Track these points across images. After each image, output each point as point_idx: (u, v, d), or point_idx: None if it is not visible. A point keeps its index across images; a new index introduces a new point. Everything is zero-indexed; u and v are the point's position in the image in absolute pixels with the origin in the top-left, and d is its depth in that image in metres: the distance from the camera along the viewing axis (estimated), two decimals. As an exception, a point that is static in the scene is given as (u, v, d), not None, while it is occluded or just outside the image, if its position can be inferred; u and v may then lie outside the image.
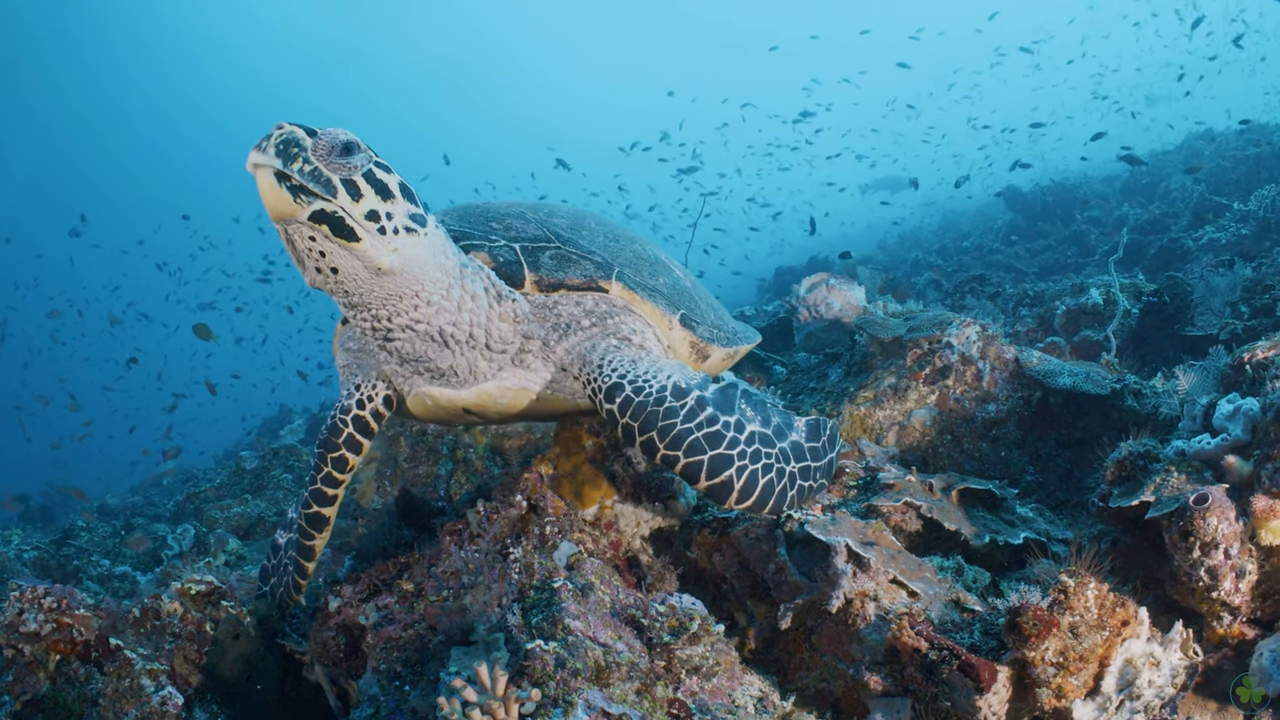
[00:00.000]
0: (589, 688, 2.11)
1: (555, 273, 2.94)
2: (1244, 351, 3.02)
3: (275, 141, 2.21)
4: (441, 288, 2.62)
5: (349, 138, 2.31)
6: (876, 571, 2.60)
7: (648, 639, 2.40)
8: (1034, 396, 4.28)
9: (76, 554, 8.33)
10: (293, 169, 2.21)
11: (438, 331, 2.71)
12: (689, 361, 3.30)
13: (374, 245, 2.36)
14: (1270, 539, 2.38)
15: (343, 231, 2.31)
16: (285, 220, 2.28)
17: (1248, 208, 9.30)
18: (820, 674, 2.68)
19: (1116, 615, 2.31)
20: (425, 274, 2.55)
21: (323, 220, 2.28)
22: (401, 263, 2.44)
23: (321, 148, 2.26)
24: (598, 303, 3.01)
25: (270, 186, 2.21)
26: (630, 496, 3.02)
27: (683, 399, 2.67)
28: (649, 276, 3.23)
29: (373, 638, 3.10)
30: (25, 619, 3.37)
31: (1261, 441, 2.52)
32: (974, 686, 2.27)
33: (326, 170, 2.26)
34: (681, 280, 3.54)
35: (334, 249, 2.35)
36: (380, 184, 2.37)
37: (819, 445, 2.95)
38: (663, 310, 3.12)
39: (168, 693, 3.42)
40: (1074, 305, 6.04)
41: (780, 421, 2.87)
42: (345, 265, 2.41)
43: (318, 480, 3.32)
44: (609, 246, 3.24)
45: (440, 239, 2.60)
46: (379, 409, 3.18)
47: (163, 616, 3.78)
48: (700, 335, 3.25)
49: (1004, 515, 3.44)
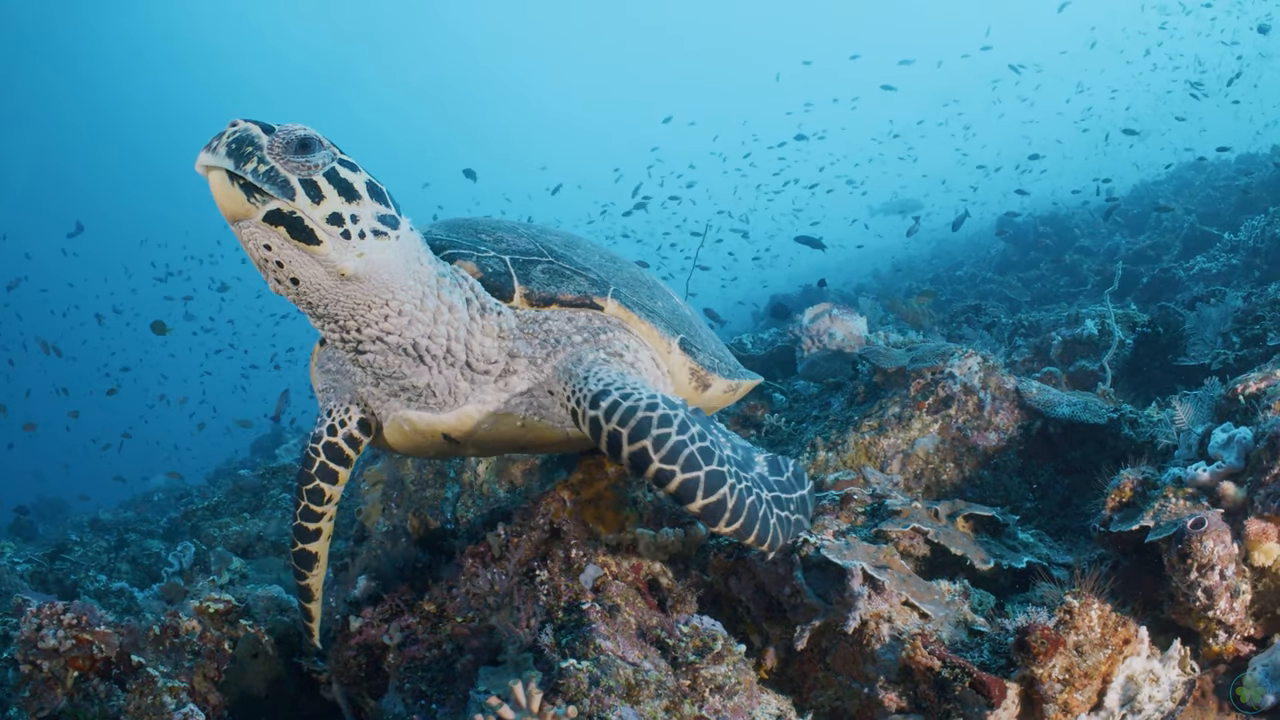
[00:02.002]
0: (621, 705, 2.21)
1: (547, 287, 2.77)
2: (1237, 383, 3.17)
3: (227, 141, 2.09)
4: (415, 297, 2.47)
5: (308, 133, 2.17)
6: (890, 594, 2.72)
7: (673, 658, 2.50)
8: (1034, 425, 4.42)
9: (71, 568, 8.38)
10: (246, 170, 2.08)
11: (411, 344, 2.55)
12: (689, 391, 3.17)
13: (336, 249, 2.21)
14: (1263, 560, 2.51)
15: (301, 234, 2.16)
16: (240, 222, 2.14)
17: (1238, 238, 9.50)
18: (835, 693, 2.78)
19: (1118, 634, 2.44)
20: (396, 281, 2.40)
21: (279, 222, 2.14)
22: (368, 268, 2.29)
23: (278, 145, 2.12)
24: (591, 319, 2.84)
25: (222, 185, 2.08)
26: (651, 521, 3.13)
27: (674, 410, 2.49)
28: (647, 299, 3.07)
29: (395, 657, 3.18)
30: (44, 635, 3.40)
31: (1254, 468, 2.66)
32: (985, 703, 2.39)
33: (284, 170, 2.12)
34: (681, 308, 3.39)
35: (293, 254, 2.20)
36: (344, 183, 2.23)
37: (784, 479, 2.91)
38: (661, 332, 2.95)
39: (189, 710, 3.45)
40: (1070, 336, 6.20)
41: (744, 455, 2.81)
42: (306, 272, 2.25)
43: (297, 515, 3.16)
44: (605, 266, 3.08)
45: (414, 244, 2.45)
46: (353, 433, 3.00)
47: (181, 634, 3.83)
48: (701, 362, 3.08)
49: (1006, 540, 3.56)
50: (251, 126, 2.11)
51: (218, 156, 2.07)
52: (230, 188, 2.08)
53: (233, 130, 2.11)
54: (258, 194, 2.09)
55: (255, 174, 2.08)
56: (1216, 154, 14.71)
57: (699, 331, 3.30)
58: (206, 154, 2.08)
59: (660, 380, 3.01)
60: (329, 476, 3.05)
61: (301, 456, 3.10)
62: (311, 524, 3.16)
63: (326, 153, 2.20)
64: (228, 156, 2.07)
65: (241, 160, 2.07)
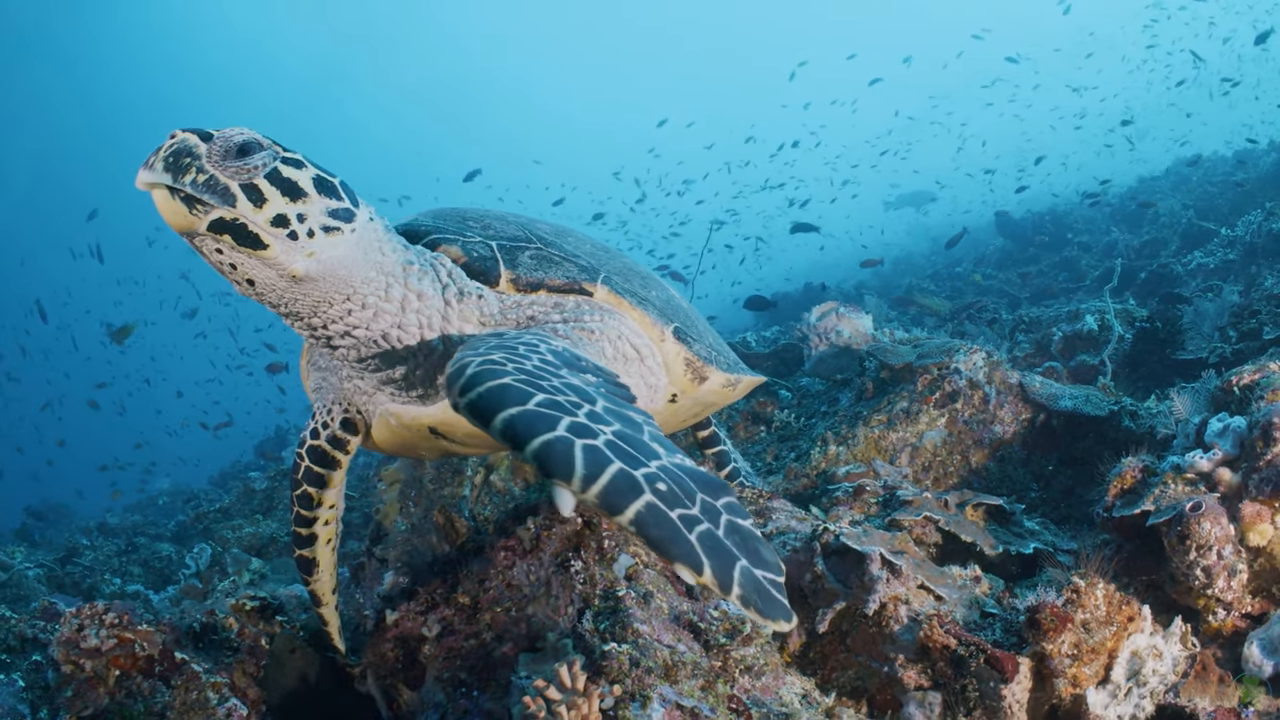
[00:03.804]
0: (661, 684, 2.36)
1: (534, 272, 2.68)
2: (1232, 375, 3.34)
3: (164, 155, 2.03)
4: (378, 288, 2.39)
5: (246, 137, 2.10)
6: (907, 578, 2.88)
7: (704, 641, 2.66)
8: (1037, 418, 4.58)
9: (85, 573, 8.50)
10: (184, 182, 2.01)
11: (380, 336, 2.47)
12: (685, 383, 3.01)
13: (285, 251, 2.15)
14: (1258, 540, 2.69)
15: (247, 239, 2.10)
16: (187, 234, 2.11)
17: (1235, 233, 9.64)
18: (855, 673, 2.94)
19: (1123, 612, 2.60)
20: (355, 275, 2.32)
21: (224, 230, 2.07)
22: (320, 267, 2.22)
23: (216, 152, 2.05)
24: (580, 305, 2.72)
25: (164, 200, 2.03)
26: (678, 513, 3.27)
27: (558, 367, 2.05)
28: (640, 287, 2.95)
29: (432, 648, 3.30)
30: (86, 635, 3.43)
31: (1249, 455, 2.82)
32: (1000, 677, 2.55)
33: (224, 177, 2.05)
34: (676, 300, 3.26)
35: (243, 259, 2.15)
36: (288, 183, 2.15)
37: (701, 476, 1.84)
38: (654, 319, 2.82)
39: (232, 704, 3.53)
40: (1070, 331, 6.37)
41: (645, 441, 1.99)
42: (259, 275, 2.20)
43: (292, 521, 3.12)
44: (596, 254, 2.98)
45: (374, 234, 2.37)
46: (337, 434, 2.92)
47: (220, 631, 3.96)
48: (697, 353, 2.93)
49: (1013, 528, 3.73)
50: (189, 136, 2.06)
51: (155, 173, 2.02)
52: (172, 202, 2.03)
53: (170, 143, 2.06)
54: (199, 205, 2.04)
55: (194, 185, 2.02)
56: (1214, 150, 14.87)
57: (695, 324, 3.17)
58: (145, 171, 2.04)
59: (645, 369, 2.88)
60: (315, 481, 3.01)
61: (292, 464, 3.04)
62: (305, 529, 3.13)
63: (267, 153, 2.13)
64: (165, 171, 2.02)
65: (180, 173, 2.01)
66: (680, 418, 3.29)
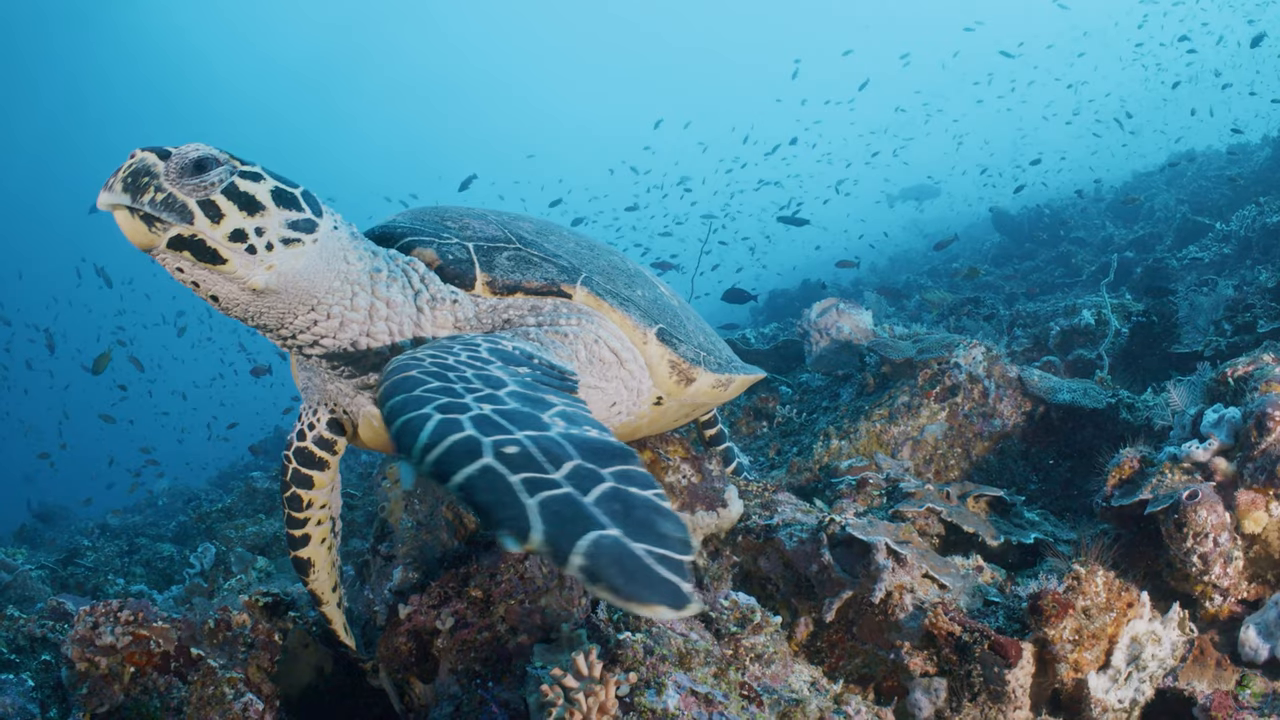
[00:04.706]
0: (675, 671, 2.43)
1: (511, 274, 2.64)
2: (1227, 367, 3.42)
3: (123, 176, 2.06)
4: (343, 298, 2.39)
5: (201, 153, 2.11)
6: (912, 566, 2.96)
7: (716, 630, 2.73)
8: (1036, 411, 4.66)
9: (89, 574, 8.53)
10: (143, 201, 2.04)
11: (350, 344, 2.46)
12: (670, 385, 2.95)
13: (244, 266, 2.16)
14: (1253, 528, 2.76)
15: (206, 255, 2.12)
16: (149, 250, 2.12)
17: (1229, 228, 9.73)
18: (862, 661, 3.02)
19: (1122, 598, 2.68)
20: (318, 285, 2.33)
21: (183, 246, 2.10)
22: (281, 280, 2.23)
23: (173, 170, 2.07)
24: (558, 307, 2.68)
25: (125, 220, 2.06)
26: (686, 506, 3.35)
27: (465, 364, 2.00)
28: (624, 287, 2.90)
29: (445, 641, 3.37)
30: (101, 632, 3.48)
31: (1243, 444, 2.90)
32: (1004, 663, 2.62)
33: (181, 194, 2.07)
34: (665, 298, 3.20)
35: (204, 274, 2.17)
36: (245, 197, 2.15)
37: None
38: (635, 321, 2.77)
39: (248, 699, 3.56)
40: (1068, 326, 6.44)
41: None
42: (222, 290, 2.23)
43: (284, 524, 3.14)
44: (579, 253, 2.93)
45: (338, 243, 2.37)
46: (323, 435, 2.93)
47: (234, 627, 3.99)
48: (682, 355, 2.89)
49: (1014, 519, 3.80)
50: (147, 155, 2.08)
51: (114, 194, 2.05)
52: (133, 221, 2.06)
53: (129, 163, 2.08)
54: (158, 223, 2.06)
55: (153, 204, 2.05)
56: (1207, 146, 14.95)
57: (683, 324, 3.11)
58: (105, 193, 2.07)
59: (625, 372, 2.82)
60: (303, 482, 3.03)
61: (280, 466, 3.07)
62: (297, 530, 3.15)
63: (224, 169, 2.14)
64: (124, 192, 2.05)
65: (138, 192, 2.04)
66: (670, 418, 3.27)
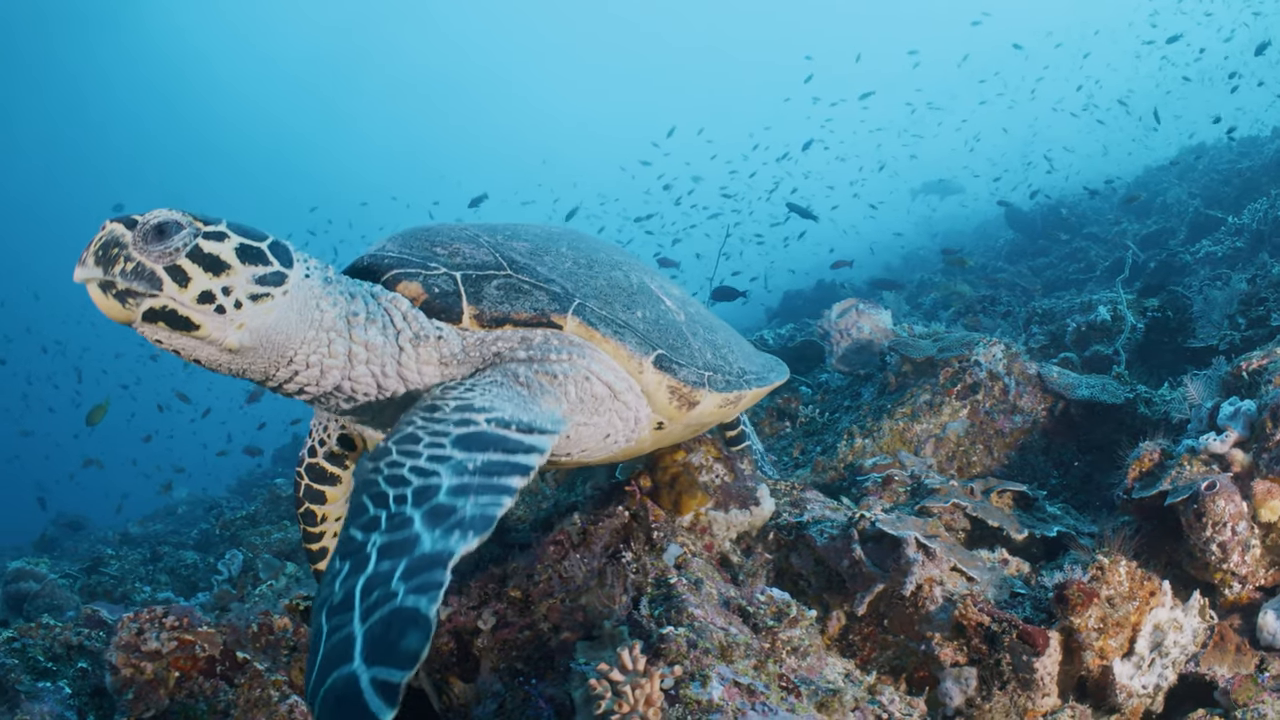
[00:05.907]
0: (718, 663, 2.55)
1: (500, 305, 2.57)
2: (1242, 360, 3.52)
3: (95, 249, 2.06)
4: (319, 346, 2.37)
5: (163, 219, 2.09)
6: (940, 560, 3.07)
7: (753, 624, 2.84)
8: (1056, 407, 4.76)
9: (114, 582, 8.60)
10: (114, 273, 2.04)
11: (334, 389, 2.46)
12: (670, 410, 2.88)
13: (216, 327, 2.16)
14: (1269, 516, 2.87)
15: (179, 323, 2.11)
16: (128, 324, 2.12)
17: (1241, 221, 9.77)
18: (894, 653, 3.12)
19: (1145, 587, 2.79)
20: (293, 337, 2.31)
21: (157, 318, 2.09)
22: (254, 337, 2.22)
23: (139, 238, 2.06)
24: (548, 339, 2.62)
25: (100, 298, 2.07)
26: (720, 504, 3.46)
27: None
28: (622, 310, 2.82)
29: (486, 640, 3.49)
30: (146, 638, 3.55)
31: (1259, 436, 3.01)
32: (1032, 651, 2.73)
33: (149, 263, 2.06)
34: (670, 313, 3.06)
35: (182, 341, 2.17)
36: (209, 258, 2.14)
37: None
38: (630, 350, 2.69)
39: (293, 701, 3.63)
40: (1084, 322, 6.53)
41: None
42: (203, 354, 2.23)
43: (301, 540, 3.16)
44: (575, 274, 2.83)
45: (310, 292, 2.34)
46: (334, 450, 2.95)
47: (275, 631, 4.09)
48: (683, 379, 2.80)
49: (1036, 514, 3.90)
50: (116, 226, 2.08)
51: (87, 268, 2.06)
52: (106, 297, 2.07)
53: (101, 235, 2.08)
54: (131, 298, 2.07)
55: (124, 274, 2.05)
56: (1217, 139, 14.96)
57: (689, 340, 3.00)
58: (79, 268, 2.07)
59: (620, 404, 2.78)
60: (316, 498, 3.03)
61: (294, 482, 3.07)
62: (314, 545, 3.16)
63: (187, 231, 2.12)
64: (96, 265, 2.05)
65: (109, 264, 2.04)
66: (673, 439, 3.29)
